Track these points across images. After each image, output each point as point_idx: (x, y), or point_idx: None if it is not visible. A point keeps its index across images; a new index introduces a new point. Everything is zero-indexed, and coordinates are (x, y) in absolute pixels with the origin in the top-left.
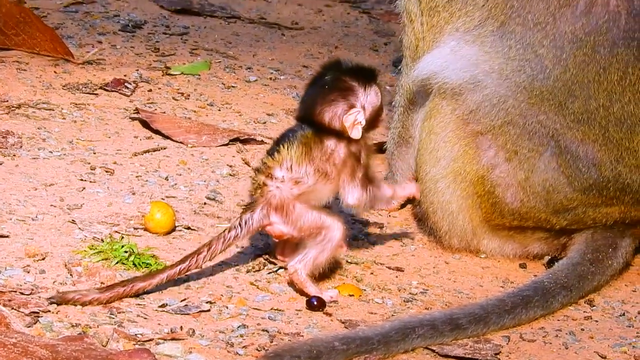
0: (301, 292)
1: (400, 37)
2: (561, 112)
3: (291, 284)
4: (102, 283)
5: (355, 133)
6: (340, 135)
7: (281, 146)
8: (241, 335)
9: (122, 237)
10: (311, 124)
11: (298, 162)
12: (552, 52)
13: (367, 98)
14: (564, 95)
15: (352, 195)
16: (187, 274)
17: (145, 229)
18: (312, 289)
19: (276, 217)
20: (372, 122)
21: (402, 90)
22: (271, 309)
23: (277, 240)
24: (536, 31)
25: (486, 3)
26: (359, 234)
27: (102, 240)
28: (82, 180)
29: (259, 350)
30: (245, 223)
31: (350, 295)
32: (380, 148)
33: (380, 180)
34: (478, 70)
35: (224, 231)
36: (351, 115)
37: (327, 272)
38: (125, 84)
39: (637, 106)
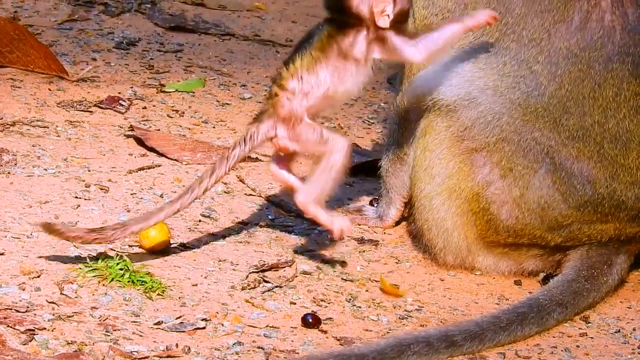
0: (314, 222)
1: None
2: (556, 128)
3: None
4: (95, 300)
5: (383, 22)
6: (364, 23)
7: (296, 55)
8: (237, 353)
9: (117, 255)
10: (336, 12)
11: (308, 70)
12: (547, 69)
13: None
14: (559, 111)
15: (409, 50)
16: (187, 207)
17: (140, 246)
18: (324, 218)
19: (282, 129)
20: (399, 19)
21: (397, 107)
22: (266, 326)
23: (279, 153)
24: (531, 47)
25: None
26: (354, 251)
27: (97, 258)
28: (76, 197)
29: None
30: (251, 137)
31: (394, 295)
32: (375, 165)
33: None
34: (472, 87)
35: (227, 150)
36: (382, 3)
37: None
38: (120, 101)
39: (632, 122)
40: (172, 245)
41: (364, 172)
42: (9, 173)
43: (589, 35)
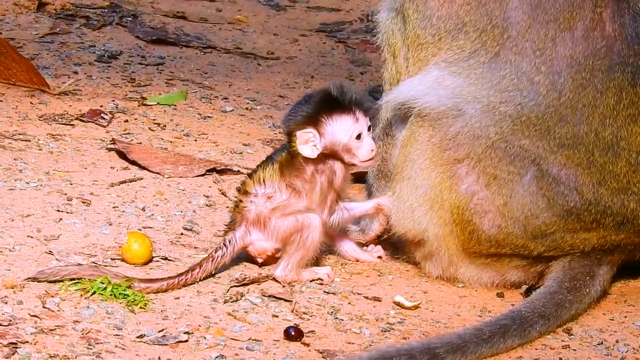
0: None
1: (381, 72)
2: (546, 136)
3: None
4: (78, 313)
5: (306, 151)
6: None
7: (259, 167)
8: None
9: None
10: (285, 131)
11: (271, 179)
12: (549, 78)
13: (330, 128)
14: (554, 120)
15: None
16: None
17: (123, 260)
18: (306, 277)
19: (255, 232)
20: (338, 154)
21: (380, 120)
22: (249, 339)
23: (258, 259)
24: (534, 57)
25: (479, 36)
26: (337, 264)
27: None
28: (58, 211)
29: None
30: (230, 242)
31: (411, 308)
32: (359, 178)
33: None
34: (460, 100)
35: (212, 252)
36: (304, 132)
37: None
38: (102, 114)
39: (626, 130)
40: (155, 259)
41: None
42: None
43: (592, 43)
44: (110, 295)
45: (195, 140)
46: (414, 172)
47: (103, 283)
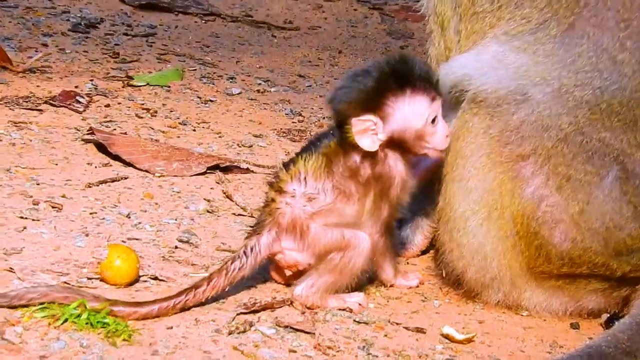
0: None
1: (426, 47)
2: (632, 128)
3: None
4: (45, 347)
5: (365, 143)
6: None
7: (299, 157)
8: None
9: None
10: (333, 116)
11: (314, 176)
12: (635, 56)
13: (398, 112)
14: None
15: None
16: (177, 312)
17: (102, 279)
18: (332, 304)
19: (288, 240)
20: (406, 144)
21: None
22: None
23: (287, 270)
24: (617, 31)
25: (550, 3)
26: (370, 285)
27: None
28: (22, 217)
29: None
30: (252, 250)
31: (463, 341)
32: None
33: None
34: (526, 81)
35: (226, 262)
36: (362, 121)
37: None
38: (77, 97)
39: None
40: (142, 278)
41: None
42: None
43: None
44: (86, 323)
45: (194, 130)
46: (467, 172)
47: (77, 309)
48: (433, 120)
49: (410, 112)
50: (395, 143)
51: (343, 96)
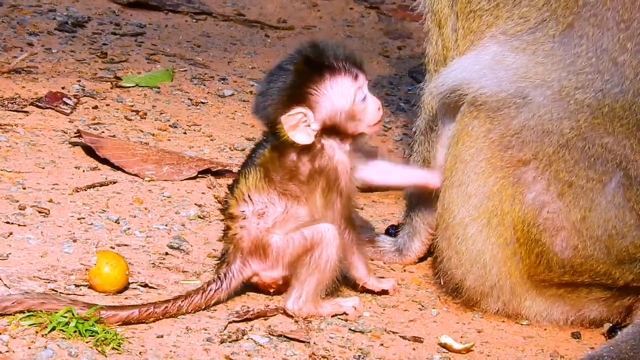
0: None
1: (424, 47)
2: (635, 133)
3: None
4: (32, 355)
5: (301, 137)
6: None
7: (240, 175)
8: None
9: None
10: (264, 123)
11: (257, 190)
12: (637, 58)
13: (325, 97)
14: None
15: (372, 168)
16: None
17: (90, 287)
18: (327, 311)
19: (256, 262)
20: (340, 127)
21: (423, 108)
22: None
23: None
24: (617, 31)
25: (549, 1)
26: (365, 292)
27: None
28: (8, 223)
29: None
30: (225, 276)
31: (461, 351)
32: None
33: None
34: (526, 83)
35: (204, 283)
36: (292, 115)
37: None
38: (64, 98)
39: None
40: (132, 285)
41: (378, 191)
42: None
43: None
44: (74, 331)
45: (185, 133)
46: (467, 177)
47: (65, 316)
48: (362, 99)
49: (335, 94)
50: (330, 130)
51: (266, 100)
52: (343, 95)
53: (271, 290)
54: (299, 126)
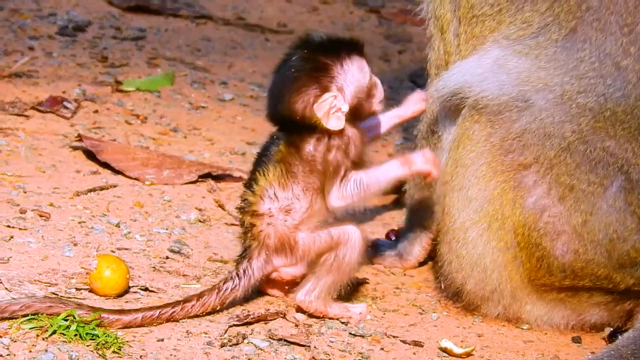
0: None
1: (426, 52)
2: (637, 137)
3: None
4: (33, 359)
5: (335, 123)
6: (318, 131)
7: (257, 173)
8: None
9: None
10: (282, 123)
11: (281, 186)
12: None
13: (347, 76)
14: None
15: (334, 194)
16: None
17: (91, 290)
18: (334, 312)
19: (279, 259)
20: (361, 106)
21: (425, 118)
22: None
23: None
24: (621, 35)
25: (551, 6)
26: (365, 297)
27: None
28: (9, 227)
29: None
30: (244, 272)
31: (462, 355)
32: (398, 188)
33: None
34: (528, 87)
35: (219, 282)
36: (324, 102)
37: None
38: (65, 102)
39: None
40: (132, 289)
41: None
42: None
43: None
44: (75, 335)
45: (185, 137)
46: (467, 181)
47: (66, 320)
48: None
49: (356, 71)
50: (352, 112)
51: (283, 96)
52: (362, 70)
53: (285, 288)
54: (330, 112)
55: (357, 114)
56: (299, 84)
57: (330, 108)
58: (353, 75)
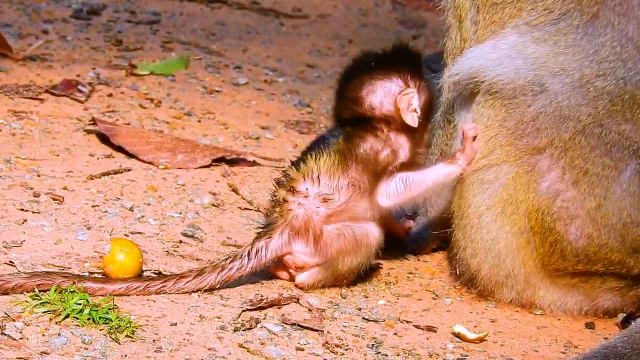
0: None
1: (444, 42)
2: None
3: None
4: (46, 342)
5: (411, 119)
6: (387, 124)
7: (308, 155)
8: None
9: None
10: (352, 114)
11: (329, 174)
12: None
13: (419, 83)
14: None
15: (382, 193)
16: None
17: (104, 274)
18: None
19: (299, 243)
20: (426, 115)
21: (441, 105)
22: None
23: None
24: None
25: None
26: (379, 282)
27: (49, 288)
28: (22, 210)
29: None
30: (257, 253)
31: (475, 340)
32: None
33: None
34: (545, 72)
35: (224, 259)
36: (407, 95)
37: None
38: (79, 86)
39: None
40: (145, 273)
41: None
42: None
43: None
44: (88, 319)
45: (199, 121)
46: (481, 165)
47: (79, 303)
48: None
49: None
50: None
51: (369, 82)
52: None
53: (292, 272)
54: (409, 108)
55: (421, 124)
56: (382, 74)
57: (409, 104)
58: (423, 85)
